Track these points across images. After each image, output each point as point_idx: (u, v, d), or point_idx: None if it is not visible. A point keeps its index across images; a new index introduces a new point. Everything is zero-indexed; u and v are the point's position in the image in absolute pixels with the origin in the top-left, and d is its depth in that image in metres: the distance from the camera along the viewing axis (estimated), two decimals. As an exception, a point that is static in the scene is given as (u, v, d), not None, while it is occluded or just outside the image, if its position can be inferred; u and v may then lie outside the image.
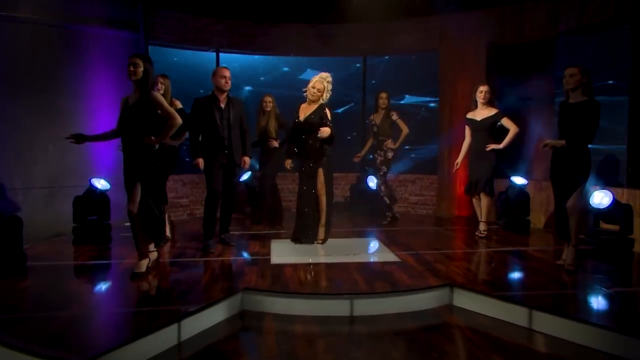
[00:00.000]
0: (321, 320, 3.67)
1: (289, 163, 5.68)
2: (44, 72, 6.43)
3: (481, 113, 5.98)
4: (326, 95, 5.49)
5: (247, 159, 5.41)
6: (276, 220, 6.80)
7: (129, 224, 4.58)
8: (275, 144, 6.59)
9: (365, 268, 4.58)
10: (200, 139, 5.29)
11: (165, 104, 4.25)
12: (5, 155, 6.20)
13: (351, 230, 6.56)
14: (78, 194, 5.88)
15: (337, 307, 3.78)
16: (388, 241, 5.79)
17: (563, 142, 4.38)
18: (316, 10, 8.06)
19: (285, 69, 9.73)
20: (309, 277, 4.29)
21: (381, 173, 7.01)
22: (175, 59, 8.67)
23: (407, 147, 8.70)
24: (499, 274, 4.61)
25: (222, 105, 5.26)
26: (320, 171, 5.54)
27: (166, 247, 5.44)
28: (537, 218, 6.89)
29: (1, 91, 6.15)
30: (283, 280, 4.16)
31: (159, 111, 4.20)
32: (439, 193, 8.12)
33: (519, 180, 6.70)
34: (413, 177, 8.44)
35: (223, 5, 8.08)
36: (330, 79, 5.51)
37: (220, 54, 8.40)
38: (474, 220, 6.61)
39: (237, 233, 6.12)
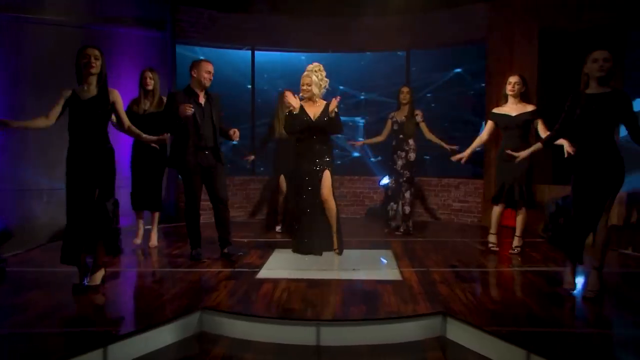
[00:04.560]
0: (282, 350, 3.20)
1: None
2: (70, 72, 6.42)
3: (516, 108, 5.18)
4: (319, 89, 5.04)
5: (236, 130, 4.90)
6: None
7: None
8: None
9: (353, 287, 4.02)
10: (174, 139, 4.79)
11: (122, 107, 4.01)
12: (29, 155, 6.32)
13: (369, 240, 6.00)
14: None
15: (300, 335, 3.27)
16: (403, 254, 5.17)
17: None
18: (355, 2, 7.53)
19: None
20: (284, 296, 3.80)
21: (404, 179, 6.29)
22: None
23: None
24: (510, 301, 3.83)
25: (202, 102, 4.77)
26: (327, 173, 5.06)
27: (158, 254, 5.19)
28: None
29: (27, 92, 6.22)
30: (251, 299, 3.71)
31: (114, 112, 3.99)
32: (484, 200, 7.28)
33: None
34: (457, 181, 7.65)
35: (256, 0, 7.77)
36: (319, 68, 5.03)
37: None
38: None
39: (244, 240, 5.76)
